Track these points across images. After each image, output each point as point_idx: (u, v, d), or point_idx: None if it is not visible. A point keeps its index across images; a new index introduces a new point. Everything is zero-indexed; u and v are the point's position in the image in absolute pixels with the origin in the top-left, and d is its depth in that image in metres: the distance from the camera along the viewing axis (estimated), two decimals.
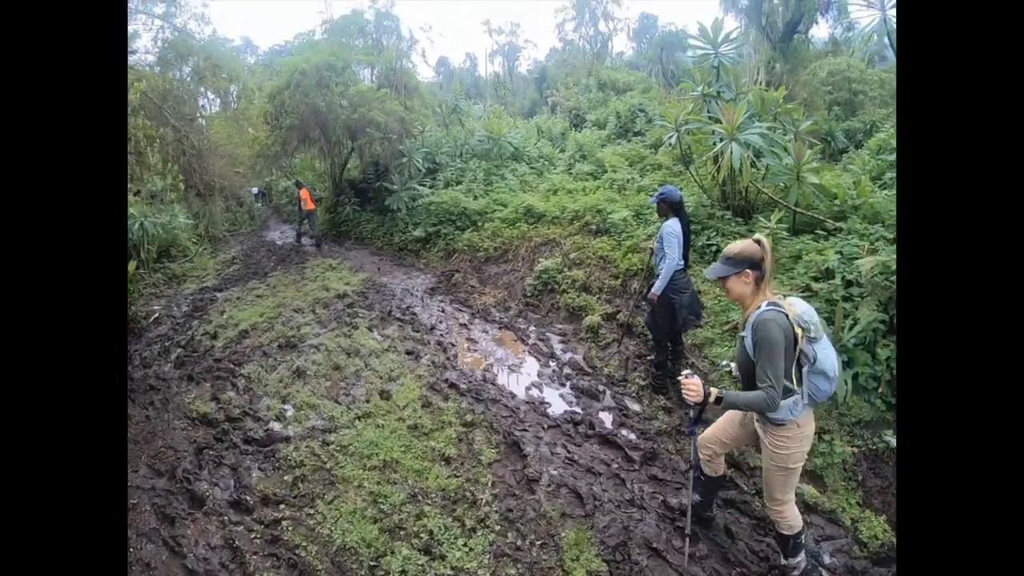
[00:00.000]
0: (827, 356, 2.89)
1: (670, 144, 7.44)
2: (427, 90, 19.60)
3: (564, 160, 14.25)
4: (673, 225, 5.09)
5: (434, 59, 52.52)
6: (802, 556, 3.37)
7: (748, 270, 2.90)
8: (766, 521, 3.90)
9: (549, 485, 4.17)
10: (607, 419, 5.19)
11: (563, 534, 3.70)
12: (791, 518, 3.23)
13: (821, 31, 17.96)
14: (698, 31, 7.81)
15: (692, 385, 2.87)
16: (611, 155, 12.67)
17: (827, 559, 3.69)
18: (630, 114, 16.50)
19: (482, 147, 14.71)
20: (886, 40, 5.87)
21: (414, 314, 8.29)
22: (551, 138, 17.14)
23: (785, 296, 2.94)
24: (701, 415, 3.31)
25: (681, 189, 7.66)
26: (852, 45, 18.86)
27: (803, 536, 3.35)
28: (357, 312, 8.38)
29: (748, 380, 2.98)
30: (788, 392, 2.85)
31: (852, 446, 4.50)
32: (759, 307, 2.88)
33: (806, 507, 4.09)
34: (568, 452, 4.60)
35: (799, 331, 2.80)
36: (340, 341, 7.04)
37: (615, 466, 4.43)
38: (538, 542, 3.66)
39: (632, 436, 4.88)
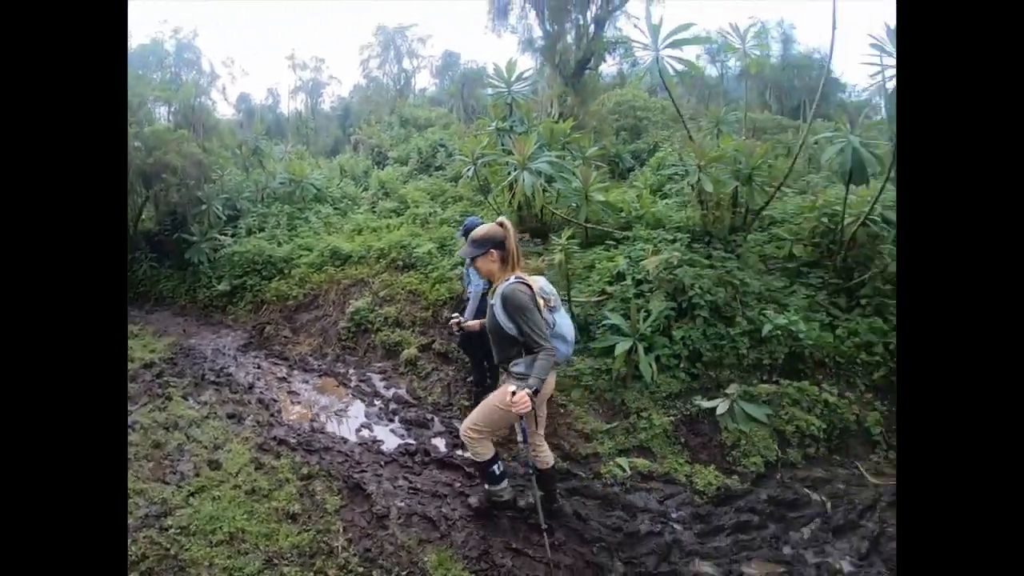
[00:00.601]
0: (565, 323, 3.50)
1: (468, 177, 7.97)
2: (227, 129, 18.44)
3: (368, 199, 14.28)
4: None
5: (235, 95, 49.17)
6: (505, 483, 3.94)
7: (493, 250, 3.37)
8: (607, 500, 4.45)
9: (399, 517, 4.24)
10: (441, 444, 5.41)
11: (426, 559, 3.82)
12: (481, 447, 3.73)
13: (610, 67, 20.50)
14: (493, 71, 8.51)
15: (521, 399, 3.10)
16: (413, 191, 13.01)
17: (674, 513, 4.36)
18: (431, 149, 17.06)
19: (284, 190, 14.18)
20: (659, 75, 6.96)
21: (229, 375, 7.79)
22: (354, 177, 17.06)
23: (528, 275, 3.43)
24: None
25: (482, 218, 8.13)
26: (636, 78, 21.52)
27: (499, 465, 3.89)
28: (168, 381, 7.65)
29: (500, 343, 3.46)
30: (528, 351, 3.30)
31: (668, 416, 5.32)
32: (507, 280, 3.32)
33: (643, 477, 4.75)
34: (410, 482, 4.72)
35: (541, 301, 3.32)
36: (155, 416, 6.39)
37: (458, 485, 4.64)
38: (403, 573, 3.74)
39: (468, 454, 5.14)
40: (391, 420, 6.01)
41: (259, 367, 8.13)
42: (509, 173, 7.34)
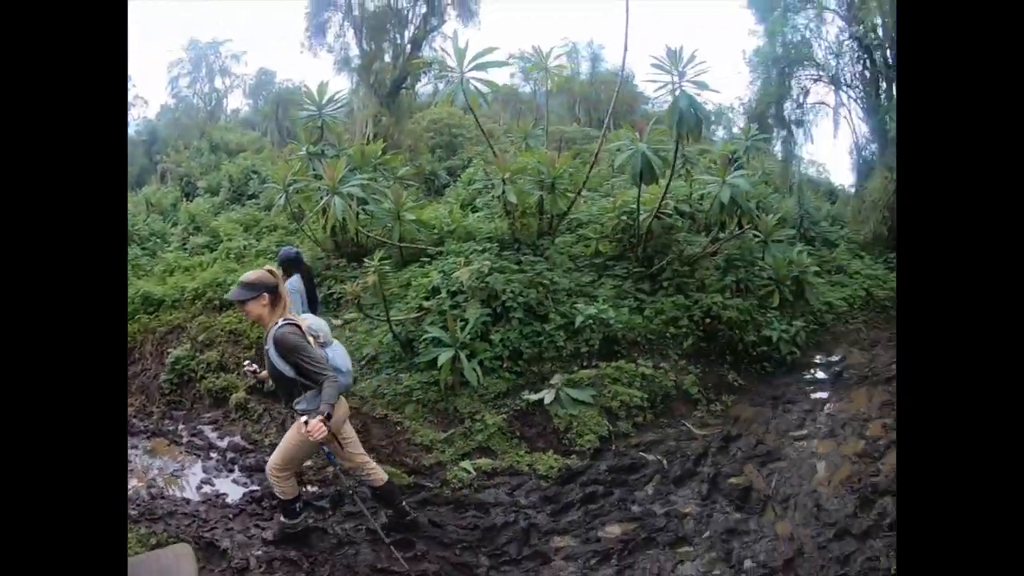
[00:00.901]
0: (338, 355, 3.62)
1: (280, 205, 7.74)
2: None
3: (178, 235, 13.12)
4: (293, 282, 5.39)
5: None
6: (301, 518, 4.03)
7: (265, 293, 3.41)
8: (459, 503, 4.57)
9: (260, 566, 4.01)
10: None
11: None
12: (286, 485, 3.81)
13: (426, 86, 20.80)
14: (305, 94, 8.29)
15: (315, 427, 3.14)
16: (226, 223, 12.21)
17: (524, 501, 4.58)
18: (243, 177, 16.08)
19: None
20: (463, 96, 7.30)
21: None
22: (162, 211, 15.64)
23: (298, 315, 3.58)
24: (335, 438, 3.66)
25: (298, 246, 7.98)
26: (442, 100, 21.94)
27: (300, 503, 3.99)
28: None
29: (282, 385, 3.52)
30: (307, 388, 3.40)
31: (501, 415, 5.55)
32: (277, 323, 3.38)
33: (488, 475, 4.93)
34: (263, 529, 4.48)
35: (311, 339, 3.44)
36: None
37: (311, 521, 4.48)
38: None
39: (315, 489, 4.99)
40: (231, 471, 5.61)
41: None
42: (321, 198, 7.22)
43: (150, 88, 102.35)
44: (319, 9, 20.34)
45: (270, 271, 3.50)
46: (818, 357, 8.43)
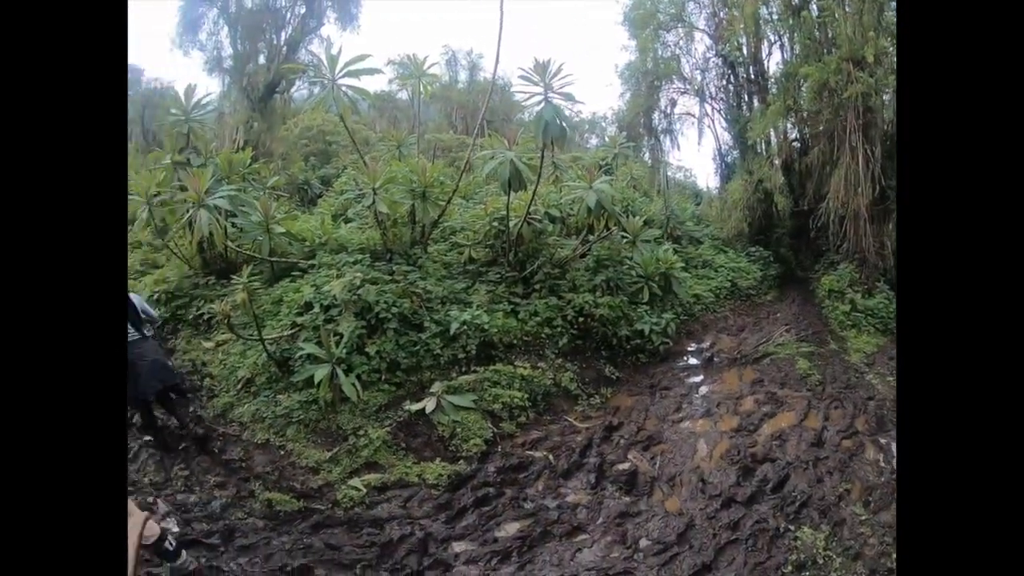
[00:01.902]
0: None
1: (143, 219, 7.27)
2: None
3: None
4: None
5: None
6: (184, 555, 3.88)
7: None
8: (352, 522, 4.56)
9: None
10: (172, 525, 4.93)
11: None
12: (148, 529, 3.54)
13: (301, 91, 19.99)
14: (171, 97, 7.85)
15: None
16: None
17: (418, 511, 4.68)
18: None
19: None
20: (333, 106, 7.26)
21: None
22: None
23: None
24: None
25: (163, 264, 8.05)
26: (313, 106, 21.34)
27: (169, 541, 3.80)
28: None
29: None
30: None
31: (384, 428, 5.58)
32: None
33: (379, 490, 4.95)
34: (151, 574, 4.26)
35: None
36: None
37: (204, 560, 4.26)
38: None
39: (205, 526, 4.76)
40: None
41: None
42: (187, 211, 6.89)
43: None
44: (193, 4, 19.06)
45: None
46: (691, 345, 9.24)
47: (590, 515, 4.73)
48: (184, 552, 3.94)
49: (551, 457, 5.60)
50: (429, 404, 5.78)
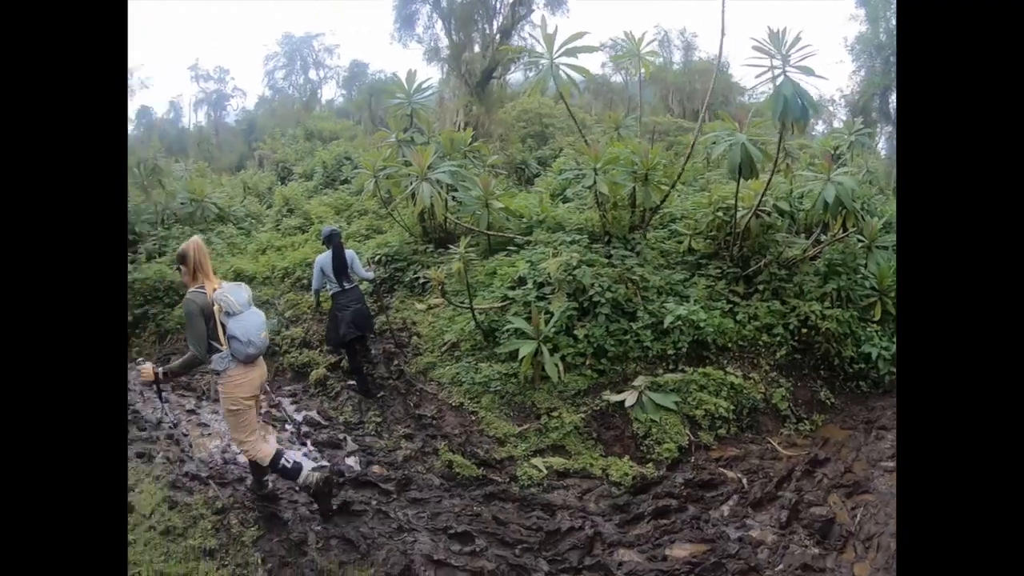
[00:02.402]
0: (238, 327, 3.77)
1: (370, 190, 7.87)
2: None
3: (272, 216, 13.76)
4: (320, 259, 6.10)
5: (134, 109, 46.42)
6: (305, 470, 4.14)
7: (181, 265, 3.82)
8: (525, 501, 4.44)
9: (318, 542, 4.08)
10: (354, 463, 5.24)
11: None
12: (261, 452, 4.06)
13: (515, 75, 20.89)
14: (394, 83, 8.43)
15: (144, 370, 3.73)
16: (318, 206, 12.65)
17: (593, 507, 4.38)
18: (336, 163, 16.63)
19: (185, 211, 13.43)
20: (553, 84, 7.14)
21: (136, 412, 7.28)
22: (258, 194, 16.39)
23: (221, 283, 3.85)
24: (160, 391, 4.17)
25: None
26: (532, 87, 21.93)
27: (285, 458, 4.11)
28: None
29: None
30: (216, 350, 3.77)
31: (579, 413, 5.36)
32: (191, 288, 3.76)
33: (559, 475, 4.76)
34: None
35: (217, 307, 3.69)
36: None
37: (375, 503, 4.49)
38: None
39: (382, 471, 4.99)
40: (303, 444, 5.77)
41: (167, 400, 7.62)
42: (410, 184, 7.26)
43: (247, 81, 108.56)
44: (406, 2, 20.64)
45: (188, 244, 3.80)
46: None
47: (771, 558, 4.05)
48: (305, 466, 4.22)
49: (745, 481, 4.94)
50: (629, 398, 5.42)
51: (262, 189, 16.72)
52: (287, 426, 6.20)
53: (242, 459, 5.45)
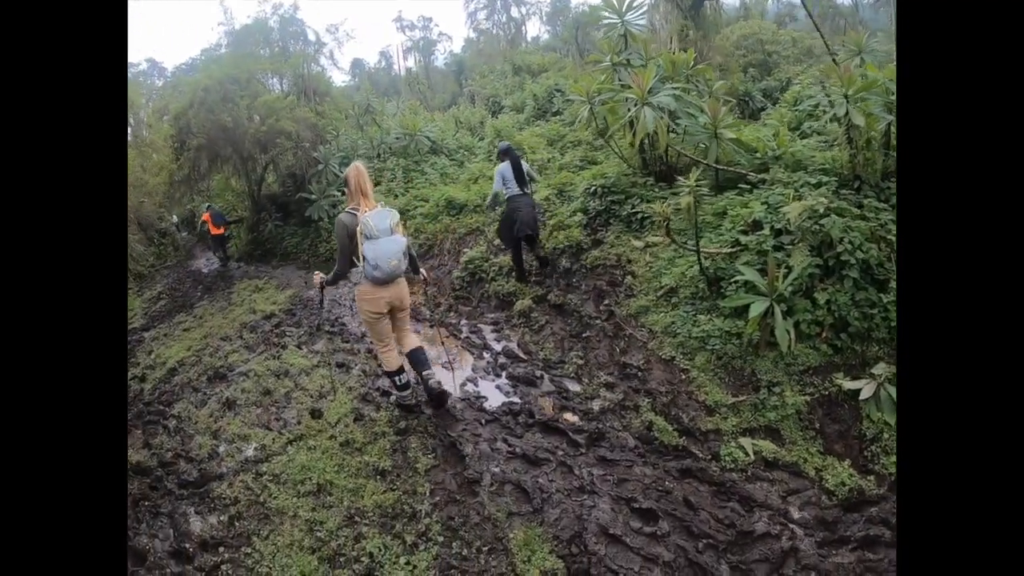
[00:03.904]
0: (371, 252, 4.24)
1: (584, 118, 7.34)
2: (341, 94, 19.06)
3: (483, 148, 14.06)
4: (500, 167, 7.07)
5: (347, 62, 51.15)
6: (408, 392, 4.98)
7: (345, 188, 4.63)
8: (723, 488, 3.79)
9: (492, 484, 3.91)
10: (548, 405, 4.98)
11: (511, 535, 3.46)
12: (385, 361, 4.81)
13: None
14: (604, 4, 7.79)
15: (315, 278, 4.64)
16: (530, 136, 12.61)
17: (796, 514, 3.57)
18: (547, 95, 16.42)
19: (399, 144, 14.30)
20: (771, 4, 6.01)
21: (343, 325, 7.89)
22: (470, 128, 16.83)
23: (376, 207, 4.36)
24: (323, 298, 6.10)
25: (601, 161, 8.77)
26: (762, 8, 19.57)
27: (402, 376, 4.88)
28: (285, 331, 7.93)
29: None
30: (354, 265, 4.40)
31: (804, 395, 4.45)
32: (345, 209, 4.40)
33: (767, 464, 3.99)
34: (509, 446, 4.34)
35: (359, 230, 4.23)
36: (269, 364, 6.61)
37: (560, 453, 4.20)
38: (485, 548, 3.42)
39: (575, 419, 4.69)
40: (498, 375, 5.68)
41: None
42: (628, 110, 6.59)
43: (452, 26, 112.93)
44: None
45: (351, 168, 4.40)
46: None
47: None
48: (409, 390, 5.03)
49: None
50: (866, 388, 4.25)
51: (474, 123, 17.19)
52: (484, 354, 6.17)
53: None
